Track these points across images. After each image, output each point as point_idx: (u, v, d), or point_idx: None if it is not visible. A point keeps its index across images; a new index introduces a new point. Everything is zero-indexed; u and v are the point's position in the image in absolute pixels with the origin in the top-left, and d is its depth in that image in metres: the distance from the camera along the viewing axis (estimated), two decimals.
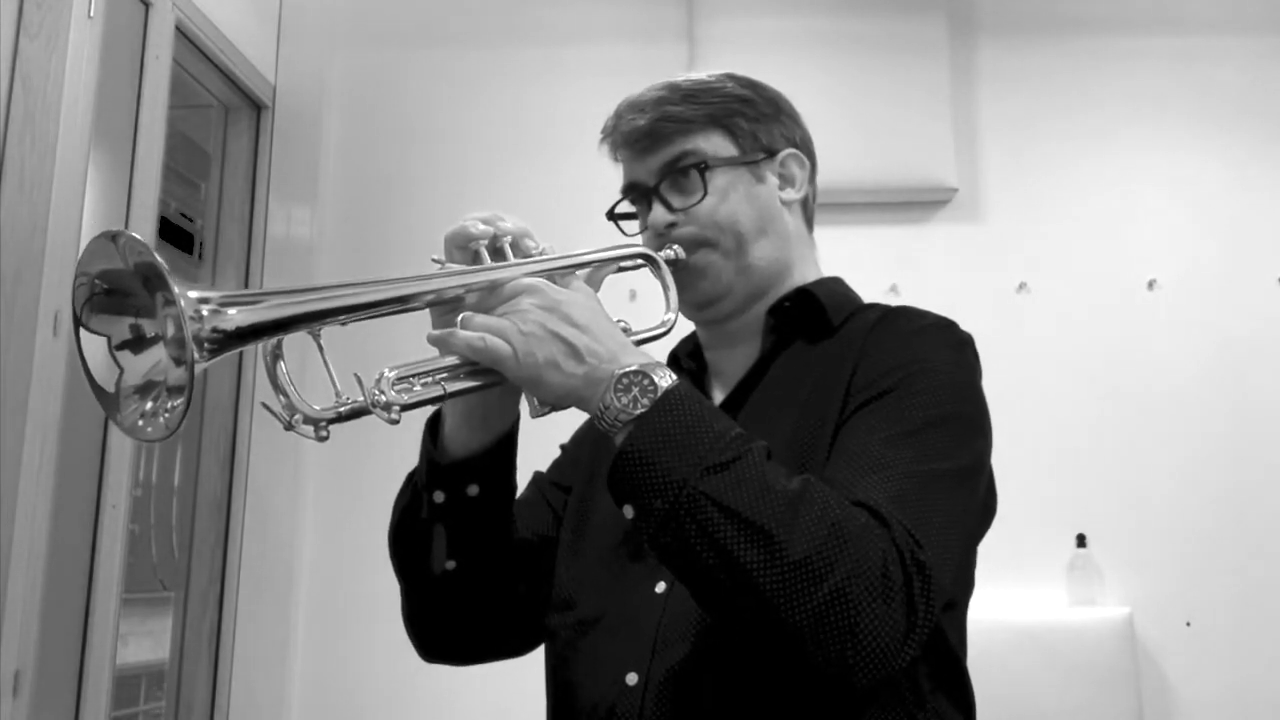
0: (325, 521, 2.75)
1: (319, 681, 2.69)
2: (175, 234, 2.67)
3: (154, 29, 2.29)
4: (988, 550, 1.08)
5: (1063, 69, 2.92)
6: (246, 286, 2.74)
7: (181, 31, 2.42)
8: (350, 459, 2.66)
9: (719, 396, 1.13)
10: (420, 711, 2.61)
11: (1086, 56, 2.92)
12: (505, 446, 1.03)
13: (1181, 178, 2.85)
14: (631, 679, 0.96)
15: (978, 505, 0.99)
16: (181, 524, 2.66)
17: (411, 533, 1.05)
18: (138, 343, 0.81)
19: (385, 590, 1.10)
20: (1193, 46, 2.91)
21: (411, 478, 1.07)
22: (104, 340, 0.81)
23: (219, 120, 2.83)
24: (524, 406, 0.97)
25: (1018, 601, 2.60)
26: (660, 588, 0.99)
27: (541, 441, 1.19)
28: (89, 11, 2.01)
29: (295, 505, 2.74)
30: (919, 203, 2.86)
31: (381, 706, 2.65)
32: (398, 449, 1.21)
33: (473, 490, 1.02)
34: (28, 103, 1.93)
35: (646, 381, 0.88)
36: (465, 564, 1.04)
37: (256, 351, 0.85)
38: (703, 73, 1.17)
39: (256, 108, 2.84)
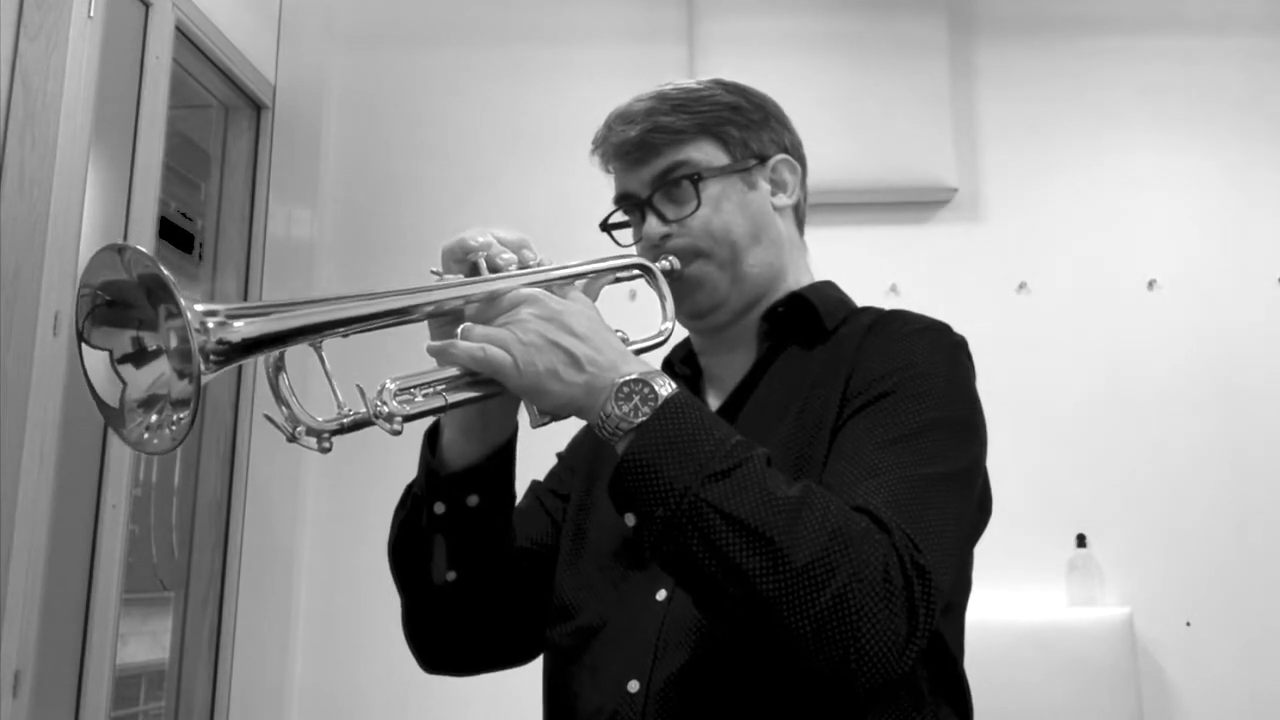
0: (325, 522, 2.75)
1: (319, 681, 2.69)
2: (175, 234, 2.67)
3: (154, 29, 2.29)
4: (987, 551, 1.09)
5: (1063, 69, 2.92)
6: (246, 286, 2.74)
7: (181, 31, 2.41)
8: (350, 459, 2.65)
9: (714, 402, 1.13)
10: (420, 712, 2.62)
11: (1086, 57, 2.92)
12: (504, 456, 1.03)
13: (1181, 178, 2.85)
14: (633, 686, 0.96)
15: (974, 507, 0.99)
16: (181, 524, 2.66)
17: (411, 544, 1.05)
18: (140, 356, 0.81)
19: (384, 591, 1.10)
20: (1193, 46, 2.91)
21: (410, 489, 1.07)
22: (106, 355, 0.81)
23: (219, 120, 2.83)
24: (523, 416, 0.97)
25: (1017, 602, 2.60)
26: (661, 595, 0.99)
27: (539, 451, 1.19)
28: (89, 11, 2.01)
29: (295, 505, 2.74)
30: (919, 203, 2.86)
31: (381, 706, 2.65)
32: (397, 449, 1.21)
33: (472, 500, 1.02)
34: (28, 103, 1.92)
35: (647, 390, 0.88)
36: (465, 574, 1.04)
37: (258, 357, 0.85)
38: (691, 80, 1.16)
39: (256, 108, 2.84)
